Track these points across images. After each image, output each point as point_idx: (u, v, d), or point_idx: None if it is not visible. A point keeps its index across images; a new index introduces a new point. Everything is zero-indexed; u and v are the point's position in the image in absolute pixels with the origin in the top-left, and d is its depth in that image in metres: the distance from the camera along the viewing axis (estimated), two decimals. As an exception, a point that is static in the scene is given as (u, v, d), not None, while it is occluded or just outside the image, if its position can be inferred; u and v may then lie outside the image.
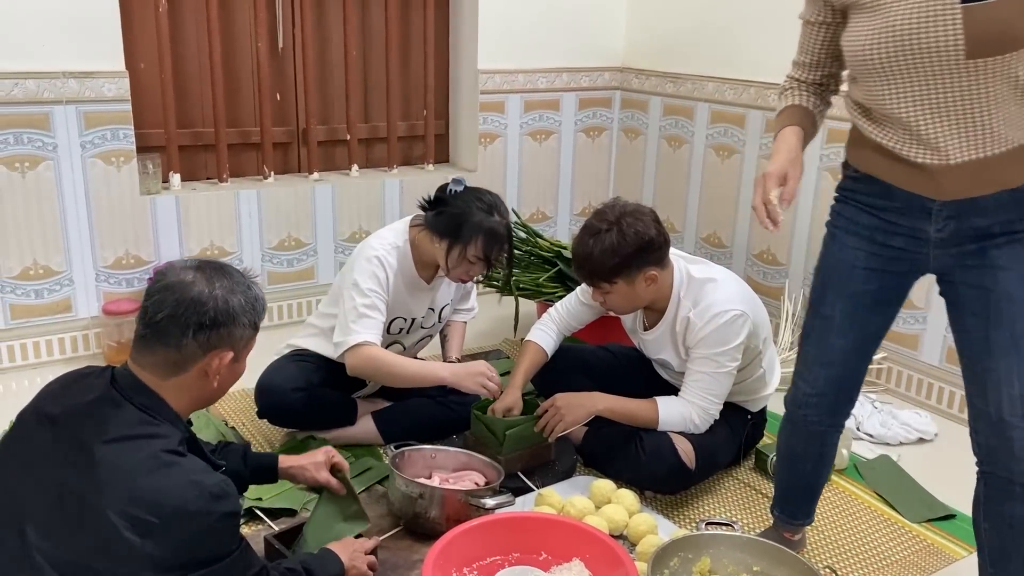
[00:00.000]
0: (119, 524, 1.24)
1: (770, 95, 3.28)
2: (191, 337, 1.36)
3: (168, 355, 1.37)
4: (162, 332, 1.36)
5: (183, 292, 1.36)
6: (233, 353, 1.41)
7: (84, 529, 1.26)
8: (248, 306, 1.42)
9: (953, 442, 2.70)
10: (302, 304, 3.43)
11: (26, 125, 2.78)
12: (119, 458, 1.29)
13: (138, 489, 1.27)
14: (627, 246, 2.07)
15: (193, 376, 1.39)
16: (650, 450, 2.17)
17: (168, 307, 1.35)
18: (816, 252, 3.16)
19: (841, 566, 2.05)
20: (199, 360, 1.38)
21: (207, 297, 1.37)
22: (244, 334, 1.42)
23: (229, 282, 1.41)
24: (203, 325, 1.36)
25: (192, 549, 1.30)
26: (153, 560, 1.26)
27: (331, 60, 3.46)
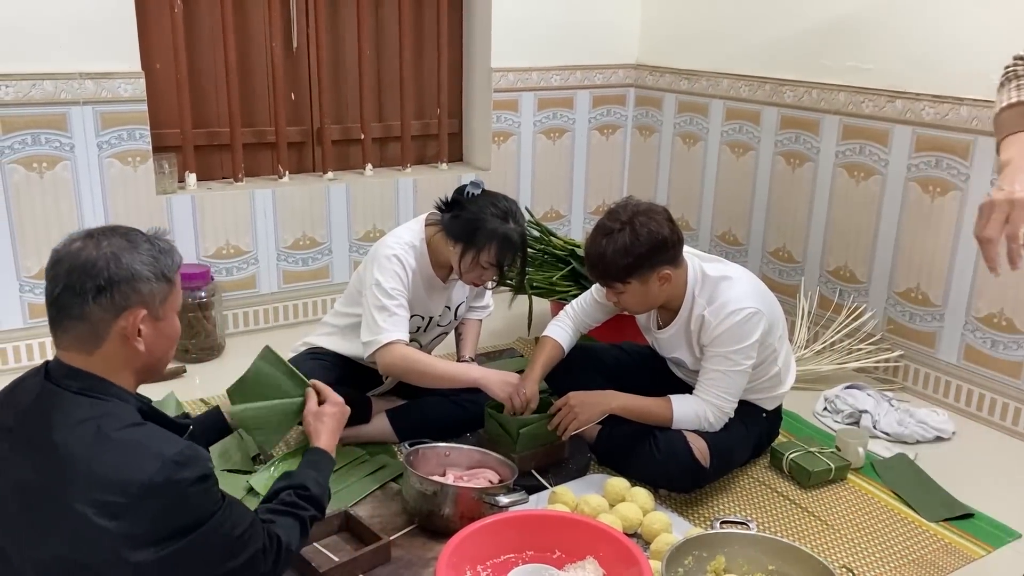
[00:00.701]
0: (87, 512, 1.22)
1: (785, 91, 3.27)
2: (91, 303, 1.30)
3: (79, 328, 1.31)
4: (65, 307, 1.31)
5: (72, 261, 1.31)
6: (147, 310, 1.34)
7: (56, 525, 1.24)
8: (149, 259, 1.35)
9: (971, 441, 2.68)
10: (317, 303, 3.44)
11: (44, 126, 2.81)
12: (72, 447, 1.25)
13: (98, 473, 1.24)
14: (640, 246, 2.07)
15: (114, 344, 1.33)
16: (664, 448, 2.16)
17: (62, 280, 1.31)
18: (832, 250, 3.18)
19: (858, 565, 2.03)
20: (111, 325, 1.31)
21: (96, 258, 1.31)
22: (153, 288, 1.35)
23: (120, 240, 1.35)
24: (100, 288, 1.30)
25: (169, 520, 1.27)
26: (131, 540, 1.24)
27: (345, 60, 3.47)
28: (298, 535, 1.55)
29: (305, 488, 1.61)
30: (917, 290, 2.92)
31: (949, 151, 2.76)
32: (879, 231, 3.01)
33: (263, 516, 1.51)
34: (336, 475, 2.27)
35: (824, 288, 3.22)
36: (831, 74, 3.10)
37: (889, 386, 2.97)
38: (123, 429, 1.29)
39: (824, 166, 3.18)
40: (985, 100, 2.64)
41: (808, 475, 2.32)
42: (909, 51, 2.85)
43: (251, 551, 1.40)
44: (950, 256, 2.81)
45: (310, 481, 1.63)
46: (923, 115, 2.82)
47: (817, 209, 3.22)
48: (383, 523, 2.09)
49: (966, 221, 2.75)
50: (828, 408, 2.81)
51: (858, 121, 3.03)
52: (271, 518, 1.52)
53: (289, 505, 1.57)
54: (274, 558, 1.46)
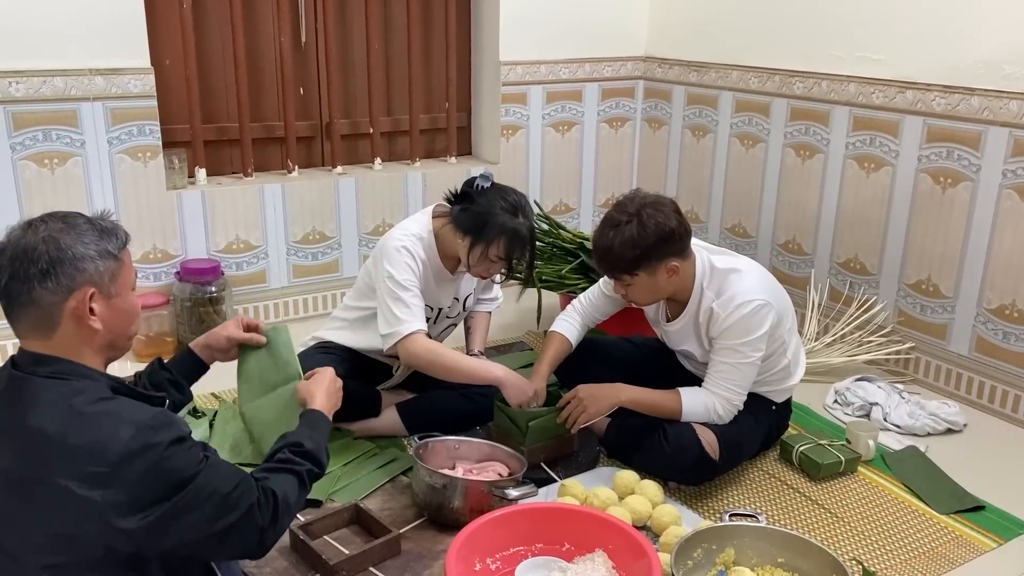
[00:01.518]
0: (71, 486, 1.24)
1: (794, 83, 3.25)
2: (38, 288, 1.31)
3: (31, 314, 1.33)
4: (14, 295, 1.33)
5: (13, 250, 1.33)
6: (96, 289, 1.35)
7: (41, 505, 1.26)
8: (91, 239, 1.36)
9: (983, 433, 2.67)
10: (327, 297, 3.45)
11: (55, 122, 2.82)
12: (47, 427, 1.27)
13: (76, 446, 1.26)
14: (647, 237, 2.06)
15: (69, 325, 1.34)
16: (674, 441, 2.16)
17: (6, 269, 1.32)
18: (843, 242, 3.17)
19: (868, 558, 2.03)
20: (62, 307, 1.33)
21: (35, 243, 1.32)
22: (99, 266, 1.36)
23: (58, 223, 1.36)
24: (44, 272, 1.31)
25: (151, 484, 1.28)
26: (117, 508, 1.26)
27: (353, 54, 3.47)
28: (296, 489, 1.52)
29: (300, 445, 1.59)
30: (928, 282, 2.90)
31: (960, 142, 2.75)
32: (889, 223, 3.00)
33: (257, 475, 1.49)
34: (346, 468, 2.29)
35: (834, 280, 3.21)
36: (841, 65, 3.08)
37: (900, 378, 2.96)
38: (95, 403, 1.31)
39: (834, 158, 3.16)
40: (997, 91, 2.63)
41: (818, 468, 2.32)
42: (919, 41, 2.83)
43: (244, 507, 1.39)
44: (961, 247, 2.79)
45: (304, 438, 1.61)
46: (934, 106, 2.80)
47: (827, 201, 3.21)
48: (393, 516, 2.10)
49: (977, 212, 2.73)
50: (838, 400, 2.80)
51: (868, 112, 3.01)
52: (265, 475, 1.51)
53: (284, 462, 1.55)
54: (272, 512, 1.44)
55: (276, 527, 1.45)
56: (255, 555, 1.48)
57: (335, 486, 2.21)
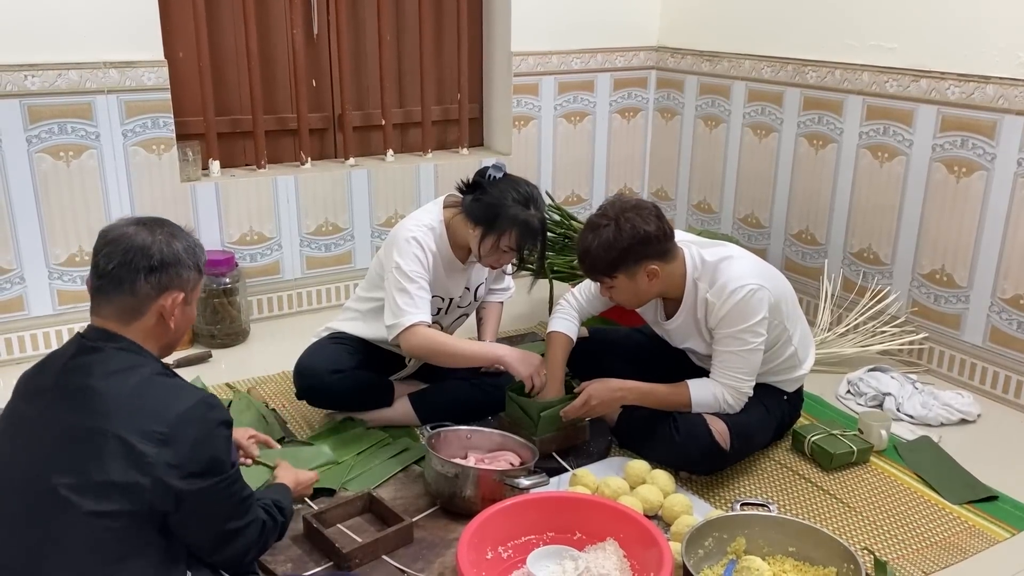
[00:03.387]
0: (132, 440, 1.35)
1: (807, 72, 3.24)
2: (143, 280, 1.46)
3: (124, 301, 1.46)
4: (116, 280, 1.46)
5: (129, 242, 1.47)
6: (183, 294, 1.51)
7: (102, 455, 1.36)
8: (189, 250, 1.53)
9: (996, 423, 2.65)
10: (340, 288, 3.47)
11: (70, 115, 2.85)
12: (117, 388, 1.40)
13: (139, 406, 1.39)
14: (623, 240, 2.08)
15: (151, 319, 1.48)
16: (684, 431, 2.17)
17: (118, 256, 1.46)
18: (856, 231, 3.15)
19: (879, 547, 2.03)
20: (154, 302, 1.47)
21: (151, 243, 1.47)
22: (191, 276, 1.52)
23: (168, 229, 1.52)
24: (152, 268, 1.46)
25: (198, 453, 1.40)
26: (171, 466, 1.37)
27: (365, 46, 3.48)
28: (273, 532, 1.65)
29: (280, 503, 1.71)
30: (942, 271, 2.89)
31: (975, 131, 2.73)
32: (903, 212, 2.98)
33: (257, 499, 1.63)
34: (359, 458, 2.31)
35: (848, 270, 3.20)
36: (854, 54, 3.06)
37: (913, 368, 2.95)
38: (158, 376, 1.46)
39: (847, 147, 3.14)
40: (1012, 79, 2.60)
41: (830, 457, 2.32)
42: (934, 29, 2.81)
43: (249, 518, 1.54)
44: (975, 237, 2.77)
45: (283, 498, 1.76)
46: (948, 94, 2.78)
47: (840, 191, 3.19)
48: (405, 505, 2.11)
49: (992, 202, 2.71)
50: (851, 391, 2.79)
51: (882, 101, 2.99)
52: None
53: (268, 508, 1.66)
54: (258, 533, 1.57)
55: (258, 549, 1.60)
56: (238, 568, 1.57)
57: (348, 475, 2.23)
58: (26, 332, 2.95)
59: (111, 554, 1.36)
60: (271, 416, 2.51)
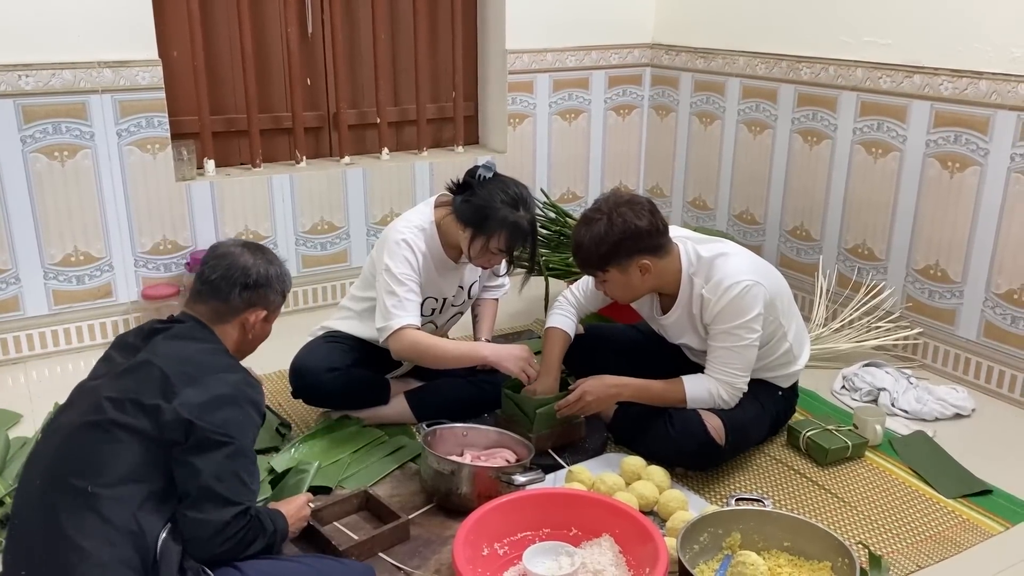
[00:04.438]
0: (171, 374, 1.55)
1: (801, 68, 3.24)
2: (237, 294, 1.71)
3: (217, 307, 1.72)
4: (215, 288, 1.71)
5: (234, 260, 1.73)
6: (266, 312, 1.76)
7: (142, 379, 1.56)
8: (279, 277, 1.79)
9: (991, 418, 2.66)
10: (336, 287, 3.47)
11: (64, 115, 2.85)
12: (184, 346, 1.63)
13: (195, 359, 1.61)
14: (614, 235, 2.09)
15: (233, 326, 1.74)
16: (679, 427, 2.18)
17: (221, 270, 1.72)
18: (851, 227, 3.16)
19: (874, 541, 2.04)
20: (240, 313, 1.73)
21: (252, 265, 1.74)
22: (276, 299, 1.79)
23: (268, 256, 1.79)
24: (247, 285, 1.72)
25: (219, 407, 1.55)
26: (187, 401, 1.53)
27: (360, 44, 3.48)
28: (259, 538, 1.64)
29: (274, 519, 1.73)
30: (936, 267, 2.90)
31: (968, 126, 2.73)
32: (897, 208, 2.99)
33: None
34: (355, 456, 2.32)
35: (842, 266, 3.21)
36: (848, 50, 3.07)
37: (908, 364, 2.96)
38: (223, 353, 1.69)
39: (842, 143, 3.15)
40: (1005, 74, 2.61)
41: (825, 453, 2.33)
42: (927, 25, 2.82)
43: (238, 499, 1.56)
44: (969, 232, 2.78)
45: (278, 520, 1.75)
46: (941, 90, 2.79)
47: (835, 187, 3.20)
48: (402, 502, 2.12)
49: (985, 197, 2.72)
50: (846, 386, 2.80)
51: (876, 97, 3.00)
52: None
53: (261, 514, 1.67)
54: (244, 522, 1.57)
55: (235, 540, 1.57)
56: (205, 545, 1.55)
57: (345, 473, 2.24)
58: (22, 332, 2.95)
59: (126, 462, 1.49)
60: (268, 415, 2.50)
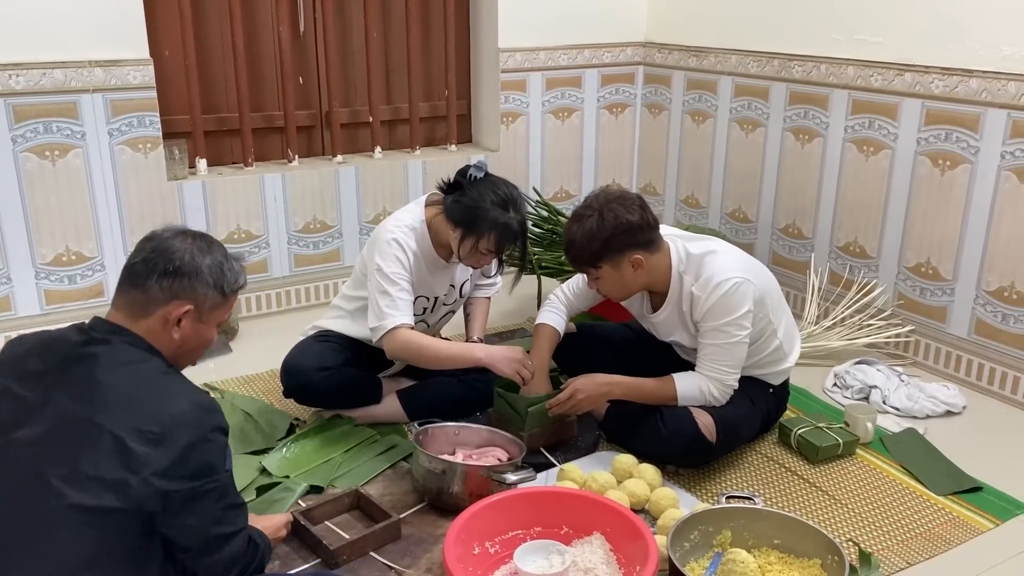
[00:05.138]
0: (125, 437, 1.35)
1: (793, 66, 3.25)
2: (155, 281, 1.48)
3: (136, 296, 1.49)
4: (134, 274, 1.50)
5: (160, 243, 1.51)
6: (194, 307, 1.50)
7: (95, 448, 1.36)
8: (216, 268, 1.53)
9: (982, 415, 2.67)
10: (328, 286, 3.46)
11: (55, 114, 2.84)
12: (115, 382, 1.40)
13: (137, 403, 1.39)
14: (606, 230, 2.10)
15: (156, 321, 1.49)
16: (671, 425, 2.18)
17: (143, 253, 1.51)
18: (842, 225, 3.16)
19: (864, 539, 2.04)
20: (160, 305, 1.48)
21: (177, 248, 1.50)
22: (208, 294, 1.52)
23: (204, 244, 1.54)
24: (167, 272, 1.48)
25: (192, 456, 1.39)
26: (160, 467, 1.35)
27: (352, 43, 3.47)
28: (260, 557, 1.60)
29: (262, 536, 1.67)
30: (927, 264, 2.91)
31: (959, 124, 2.74)
32: (889, 206, 3.00)
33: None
34: (347, 455, 2.32)
35: (834, 264, 3.21)
36: (840, 48, 3.08)
37: (899, 361, 2.97)
38: (162, 374, 1.47)
39: (833, 141, 3.16)
40: (995, 72, 2.62)
41: (816, 450, 2.33)
42: (918, 23, 2.82)
43: (238, 526, 1.51)
44: (960, 230, 2.79)
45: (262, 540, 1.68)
46: (932, 88, 2.80)
47: (827, 185, 3.20)
48: (394, 501, 2.12)
49: (976, 194, 2.73)
50: (838, 384, 2.81)
51: (867, 95, 3.01)
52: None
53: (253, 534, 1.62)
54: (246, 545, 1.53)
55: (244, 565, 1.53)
56: None
57: (336, 472, 2.24)
58: (13, 332, 2.94)
59: (84, 551, 1.35)
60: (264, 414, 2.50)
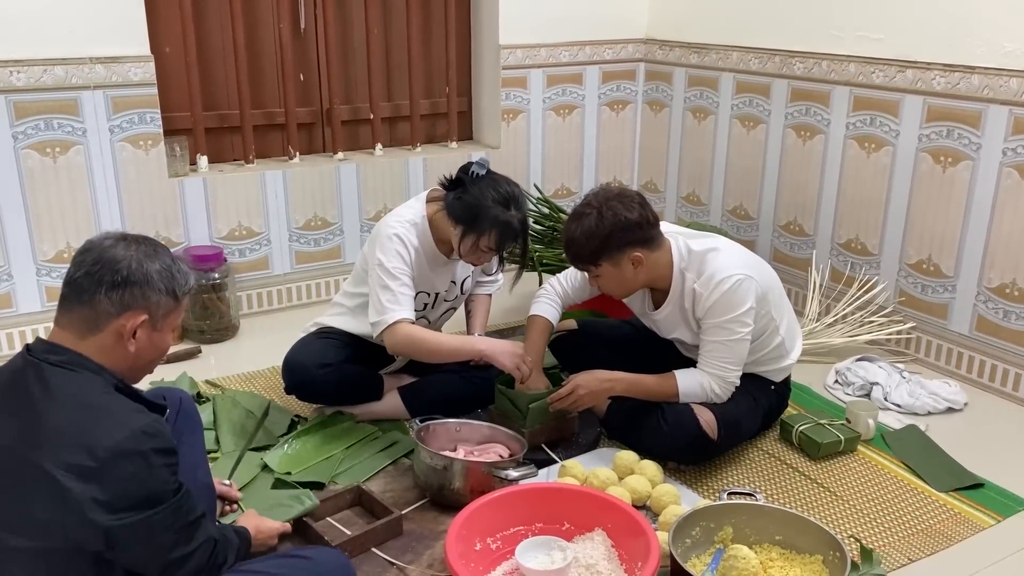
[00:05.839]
0: (56, 474, 1.28)
1: (795, 63, 3.24)
2: (103, 294, 1.39)
3: (83, 312, 1.40)
4: (78, 289, 1.40)
5: (101, 253, 1.41)
6: (148, 316, 1.43)
7: (27, 487, 1.30)
8: (166, 273, 1.45)
9: (983, 411, 2.67)
10: (329, 283, 3.46)
11: (56, 111, 2.84)
12: (46, 412, 1.32)
13: (69, 436, 1.31)
14: (605, 228, 2.09)
15: (109, 337, 1.41)
16: (672, 421, 2.18)
17: (85, 266, 1.40)
18: (844, 222, 3.16)
19: (866, 535, 2.04)
20: (112, 319, 1.40)
21: (122, 257, 1.41)
22: (161, 300, 1.44)
23: (148, 249, 1.46)
24: (116, 283, 1.39)
25: (133, 488, 1.32)
26: (98, 503, 1.29)
27: (353, 40, 3.47)
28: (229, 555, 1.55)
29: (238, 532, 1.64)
30: (929, 261, 2.90)
31: (960, 121, 2.74)
32: (890, 203, 2.99)
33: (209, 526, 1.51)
34: (349, 451, 2.32)
35: (836, 261, 3.21)
36: (841, 45, 3.07)
37: (901, 358, 2.97)
38: (97, 396, 1.36)
39: (835, 138, 3.15)
40: (997, 68, 2.61)
41: (817, 447, 2.33)
42: (919, 20, 2.82)
43: (196, 542, 1.44)
44: (962, 226, 2.79)
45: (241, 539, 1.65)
46: (934, 85, 2.79)
47: (828, 182, 3.20)
48: (395, 498, 2.12)
49: (978, 191, 2.73)
50: (839, 380, 2.81)
51: (869, 92, 3.00)
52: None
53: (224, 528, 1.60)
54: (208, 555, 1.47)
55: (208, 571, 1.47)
56: None
57: (338, 468, 2.24)
58: (14, 329, 2.94)
59: None
60: (262, 411, 2.50)
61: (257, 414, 2.47)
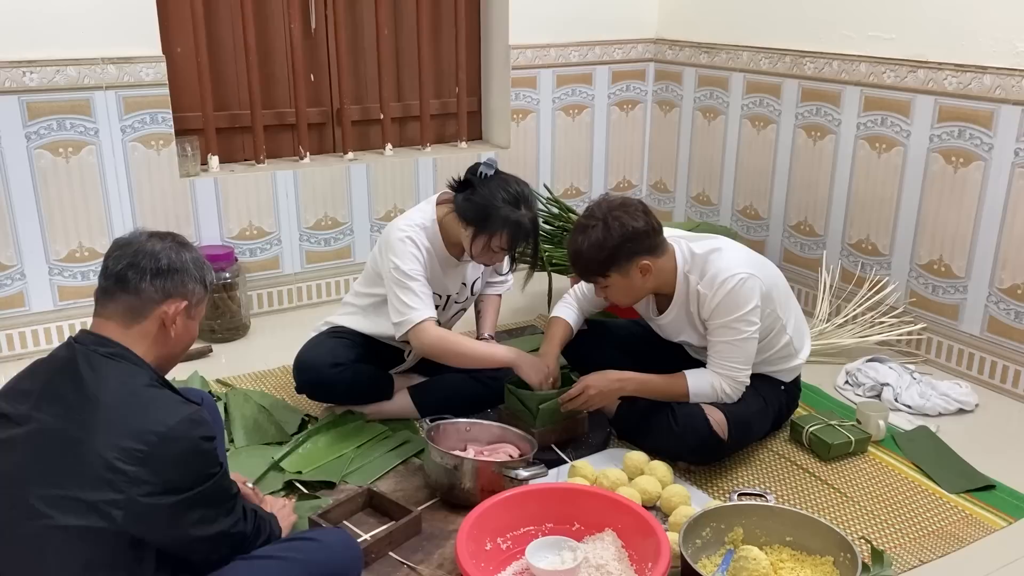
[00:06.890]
0: (109, 457, 1.34)
1: (805, 63, 3.23)
2: (148, 282, 1.49)
3: (128, 301, 1.49)
4: (122, 280, 1.49)
5: (140, 246, 1.52)
6: (187, 303, 1.53)
7: (82, 467, 1.35)
8: (197, 262, 1.57)
9: (994, 413, 2.66)
10: (340, 282, 3.47)
11: (68, 111, 2.85)
12: (100, 399, 1.39)
13: (122, 422, 1.38)
14: (612, 239, 2.09)
15: (152, 323, 1.50)
16: (682, 421, 2.18)
17: (127, 259, 1.50)
18: (854, 222, 3.16)
19: (877, 537, 2.04)
20: (156, 306, 1.50)
21: (160, 248, 1.52)
22: (196, 289, 1.55)
23: (178, 244, 1.57)
24: (159, 271, 1.50)
25: (179, 472, 1.39)
26: (147, 486, 1.35)
27: (363, 40, 3.48)
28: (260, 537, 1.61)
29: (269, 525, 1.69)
30: (940, 262, 2.89)
31: (972, 121, 2.73)
32: (901, 203, 2.98)
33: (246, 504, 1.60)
34: (359, 451, 2.33)
35: (846, 261, 3.20)
36: (852, 44, 3.06)
37: (911, 359, 2.96)
38: (147, 387, 1.45)
39: (845, 138, 3.15)
40: (1009, 68, 2.60)
41: (828, 448, 2.33)
42: (931, 19, 2.81)
43: (237, 514, 1.52)
44: (973, 227, 2.78)
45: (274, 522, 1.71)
46: (945, 84, 2.78)
47: (839, 182, 3.19)
48: (405, 497, 2.12)
49: (989, 192, 2.72)
50: (850, 381, 2.80)
51: (880, 92, 3.00)
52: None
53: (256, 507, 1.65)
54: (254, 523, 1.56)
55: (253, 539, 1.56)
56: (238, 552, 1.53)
57: (348, 468, 2.25)
58: (27, 328, 2.96)
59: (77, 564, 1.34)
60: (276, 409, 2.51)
61: (269, 410, 2.48)
